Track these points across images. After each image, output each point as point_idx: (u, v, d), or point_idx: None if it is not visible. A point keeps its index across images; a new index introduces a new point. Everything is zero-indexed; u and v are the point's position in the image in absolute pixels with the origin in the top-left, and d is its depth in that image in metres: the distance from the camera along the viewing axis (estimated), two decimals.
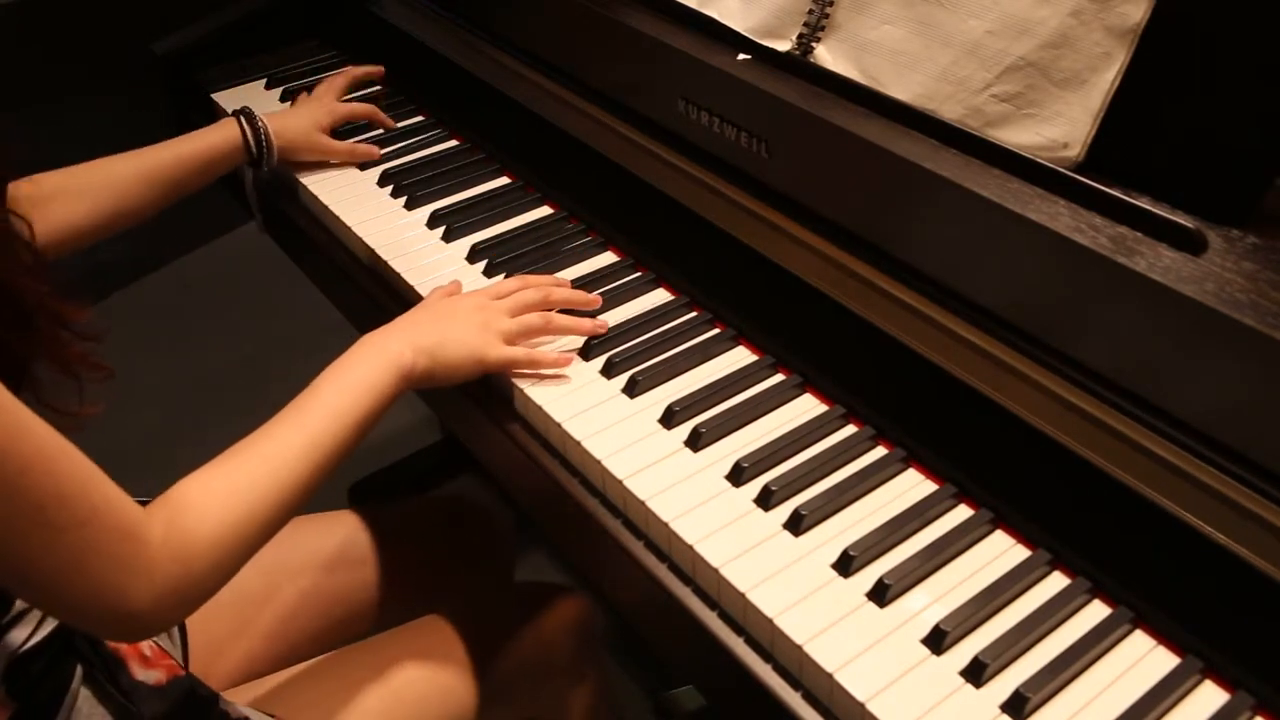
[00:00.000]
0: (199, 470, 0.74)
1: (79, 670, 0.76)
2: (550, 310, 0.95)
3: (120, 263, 2.42)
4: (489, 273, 1.05)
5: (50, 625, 0.74)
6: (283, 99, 1.36)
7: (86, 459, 0.64)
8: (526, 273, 1.04)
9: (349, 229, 1.12)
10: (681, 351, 0.94)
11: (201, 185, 1.16)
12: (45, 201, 1.00)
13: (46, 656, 0.74)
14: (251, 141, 1.17)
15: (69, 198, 1.03)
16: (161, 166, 1.11)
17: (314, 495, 0.78)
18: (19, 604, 0.73)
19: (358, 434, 0.82)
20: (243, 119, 1.17)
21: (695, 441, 0.85)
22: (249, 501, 0.73)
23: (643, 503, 0.80)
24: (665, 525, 0.79)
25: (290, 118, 1.22)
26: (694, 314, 0.98)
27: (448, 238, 1.10)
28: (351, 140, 1.25)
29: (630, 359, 0.93)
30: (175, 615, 0.70)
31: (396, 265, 1.06)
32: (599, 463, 0.83)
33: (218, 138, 1.16)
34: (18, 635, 0.72)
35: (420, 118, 1.32)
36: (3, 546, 0.60)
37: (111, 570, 0.64)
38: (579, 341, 0.95)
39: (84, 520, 0.63)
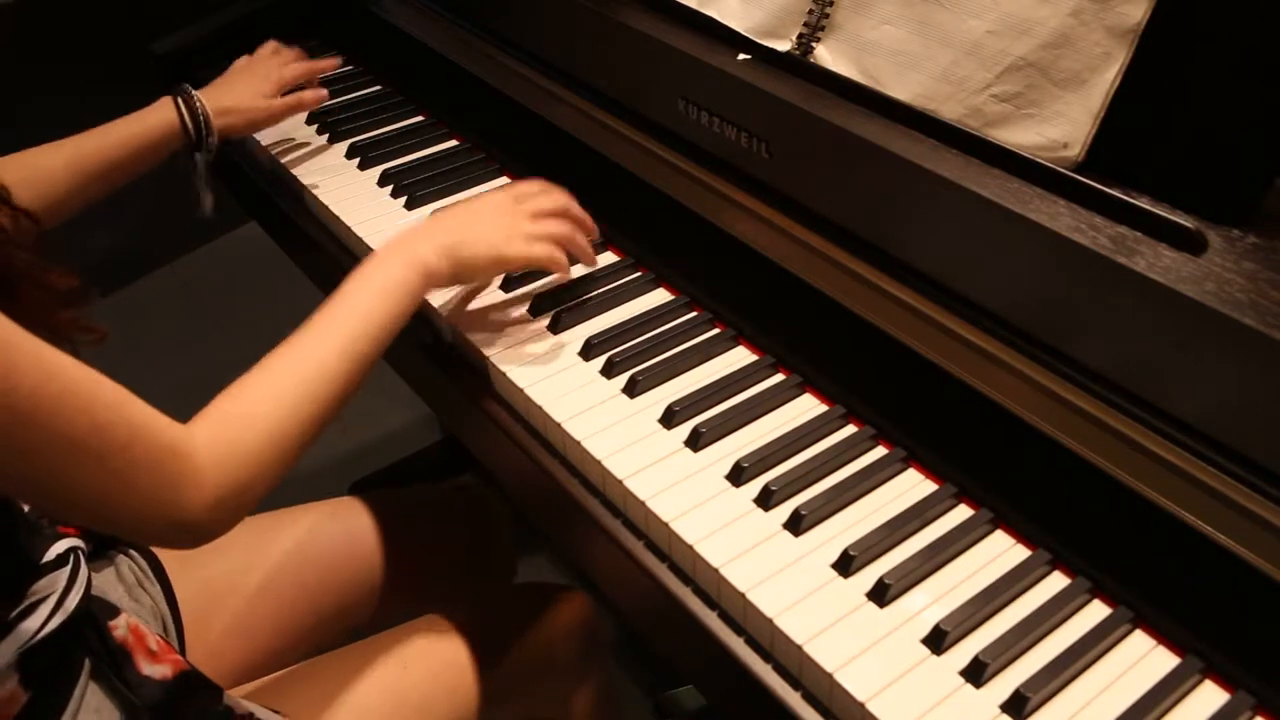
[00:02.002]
0: (239, 380, 0.76)
1: (87, 664, 0.76)
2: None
3: (120, 262, 2.42)
4: None
5: (60, 617, 0.74)
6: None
7: (117, 385, 0.66)
8: (539, 270, 1.03)
9: (349, 229, 1.12)
10: (681, 351, 0.94)
11: (138, 173, 1.10)
12: None
13: (57, 648, 0.74)
14: (189, 124, 1.12)
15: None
16: (90, 155, 1.06)
17: (349, 398, 0.81)
18: (30, 596, 0.73)
19: (388, 335, 0.84)
20: (179, 100, 1.12)
21: (695, 441, 0.85)
22: (289, 403, 0.76)
23: (642, 502, 0.80)
24: (665, 525, 0.79)
25: (231, 93, 1.17)
26: (694, 314, 0.98)
27: None
28: (339, 122, 1.25)
29: (630, 359, 0.93)
30: (231, 519, 0.73)
31: None
32: (599, 462, 0.83)
33: (152, 121, 1.10)
34: (29, 626, 0.73)
35: (420, 118, 1.32)
36: (53, 480, 0.63)
37: (161, 486, 0.67)
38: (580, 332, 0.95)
39: (125, 444, 0.65)
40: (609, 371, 0.92)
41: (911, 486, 0.82)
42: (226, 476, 0.70)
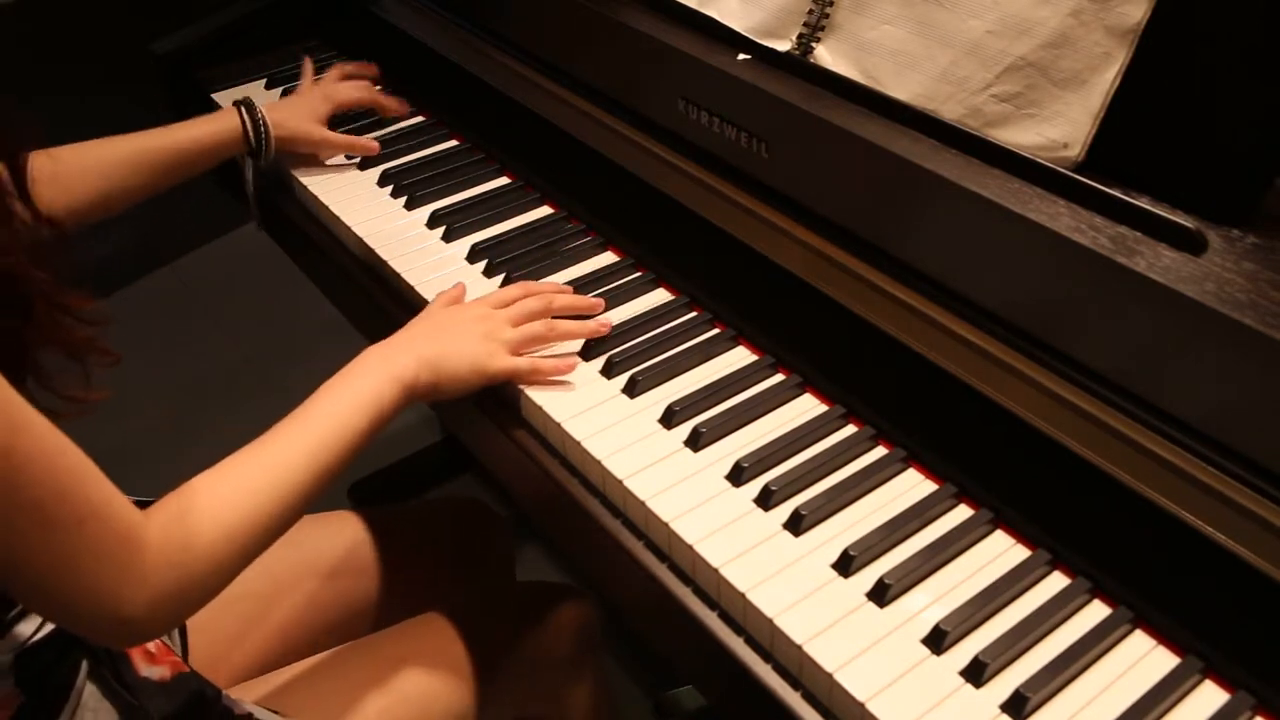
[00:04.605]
0: (200, 475, 0.74)
1: (84, 665, 0.76)
2: (552, 317, 0.95)
3: (120, 262, 2.42)
4: (489, 273, 1.05)
5: None
6: (283, 99, 1.36)
7: (86, 458, 0.64)
8: (527, 275, 1.04)
9: (349, 229, 1.12)
10: (681, 351, 0.94)
11: (196, 173, 1.15)
12: (33, 182, 0.99)
13: (54, 650, 0.74)
14: (251, 133, 1.17)
15: (59, 179, 1.01)
16: (158, 152, 1.10)
17: (314, 504, 0.78)
18: None
19: (358, 445, 0.82)
20: (243, 110, 1.17)
21: (695, 441, 0.85)
22: (249, 508, 0.73)
23: (643, 503, 0.80)
24: (665, 525, 0.78)
25: (288, 108, 1.22)
26: (694, 314, 0.98)
27: (448, 238, 1.10)
28: (351, 132, 1.26)
29: (630, 359, 0.93)
30: (170, 621, 0.70)
31: (396, 265, 1.06)
32: (599, 463, 0.83)
33: (217, 127, 1.16)
34: (25, 629, 0.72)
35: (420, 118, 1.32)
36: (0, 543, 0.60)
37: (106, 572, 0.64)
38: (578, 345, 0.95)
39: (82, 519, 0.62)
40: (609, 372, 0.92)
41: (911, 486, 0.82)
42: (173, 575, 0.67)
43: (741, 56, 0.95)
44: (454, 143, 1.27)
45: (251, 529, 0.73)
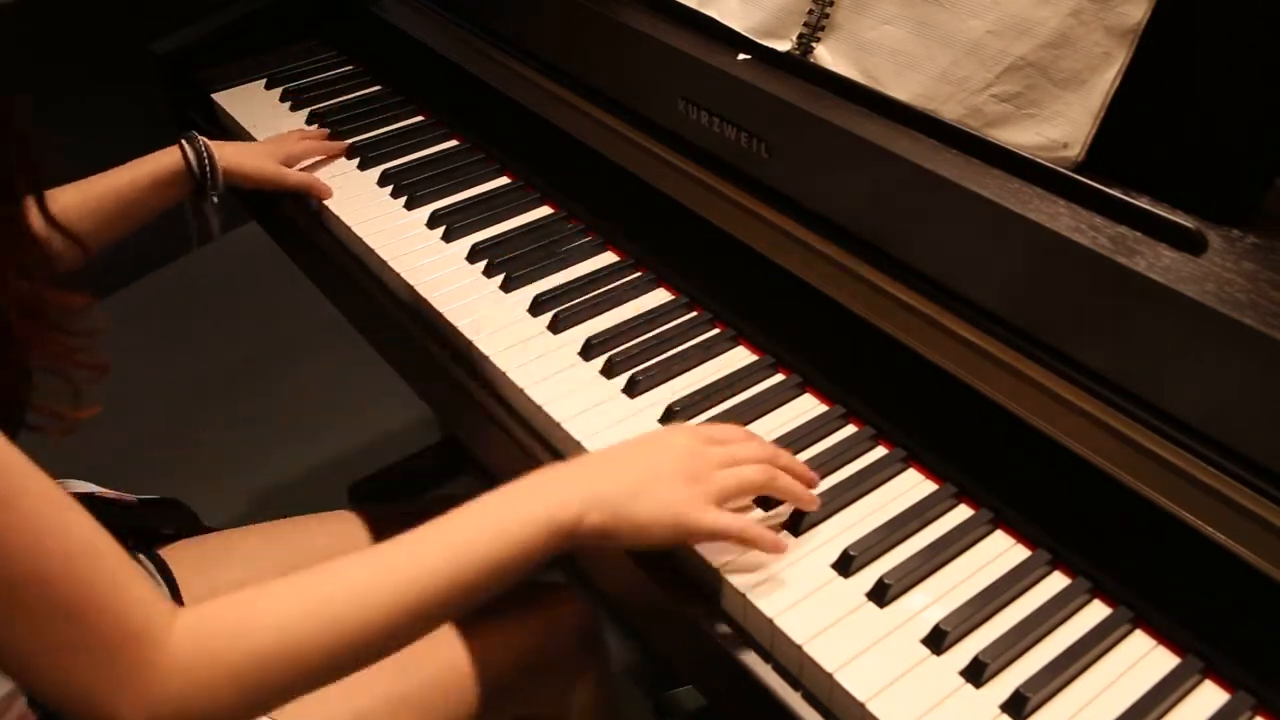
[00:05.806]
0: (269, 581, 0.63)
1: None
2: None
3: (120, 263, 2.42)
4: (489, 273, 1.05)
5: None
6: (282, 99, 1.36)
7: (104, 541, 0.57)
8: (527, 275, 1.03)
9: (349, 229, 1.12)
10: (681, 351, 0.94)
11: (151, 215, 1.12)
12: None
13: None
14: (194, 166, 1.13)
15: None
16: (104, 198, 1.07)
17: (394, 648, 0.66)
18: None
19: (478, 589, 0.67)
20: (185, 143, 1.13)
21: None
22: (302, 634, 0.62)
23: None
24: None
25: (244, 148, 1.20)
26: (694, 314, 0.98)
27: (448, 238, 1.10)
28: (351, 132, 1.25)
29: (630, 359, 0.93)
30: None
31: (396, 265, 1.06)
32: None
33: (158, 165, 1.12)
34: None
35: (420, 118, 1.32)
36: None
37: (102, 674, 0.56)
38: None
39: (73, 611, 0.55)
40: (609, 371, 0.92)
41: (911, 486, 0.82)
42: (187, 692, 0.58)
43: (741, 56, 0.95)
44: (454, 143, 1.27)
45: (299, 658, 0.61)
